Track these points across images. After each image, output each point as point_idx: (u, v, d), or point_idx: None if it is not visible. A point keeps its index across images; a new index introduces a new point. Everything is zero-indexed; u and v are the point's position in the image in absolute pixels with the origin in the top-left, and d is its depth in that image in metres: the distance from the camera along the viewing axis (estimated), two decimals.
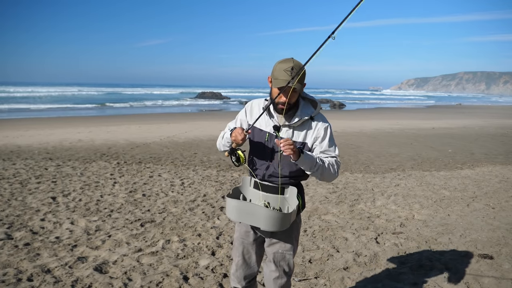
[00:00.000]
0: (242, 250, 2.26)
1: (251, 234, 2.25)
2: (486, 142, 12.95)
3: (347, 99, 56.90)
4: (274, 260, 2.20)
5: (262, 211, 2.01)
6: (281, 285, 2.20)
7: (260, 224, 2.01)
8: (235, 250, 2.32)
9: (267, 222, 1.99)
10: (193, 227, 4.54)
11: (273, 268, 2.20)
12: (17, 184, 6.27)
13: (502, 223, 4.77)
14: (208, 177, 7.10)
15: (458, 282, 3.25)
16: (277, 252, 2.19)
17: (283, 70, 1.92)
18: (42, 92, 49.05)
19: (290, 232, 2.16)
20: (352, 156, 9.78)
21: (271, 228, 2.00)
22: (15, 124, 16.27)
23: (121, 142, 11.21)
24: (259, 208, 2.03)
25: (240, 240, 2.27)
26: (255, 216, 2.01)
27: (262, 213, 2.00)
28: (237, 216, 2.08)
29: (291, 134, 2.08)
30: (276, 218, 1.99)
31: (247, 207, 2.06)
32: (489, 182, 7.05)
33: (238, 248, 2.28)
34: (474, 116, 26.76)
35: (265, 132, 2.11)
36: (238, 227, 2.31)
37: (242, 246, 2.27)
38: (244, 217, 2.05)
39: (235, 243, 2.32)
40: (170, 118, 20.31)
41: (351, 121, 20.13)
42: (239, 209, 2.07)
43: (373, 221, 4.87)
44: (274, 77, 1.97)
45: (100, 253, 3.75)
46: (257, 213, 2.01)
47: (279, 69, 1.94)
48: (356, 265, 3.57)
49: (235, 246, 2.32)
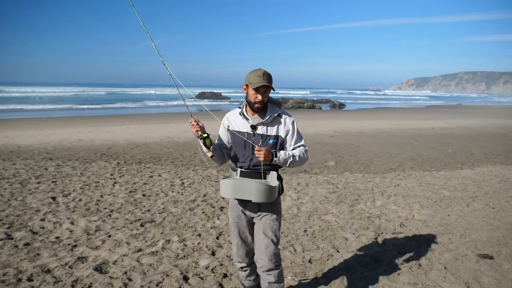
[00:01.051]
0: (238, 232, 2.64)
1: (242, 217, 2.62)
2: (486, 142, 12.95)
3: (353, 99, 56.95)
4: (263, 231, 2.53)
5: (253, 184, 2.40)
6: (271, 252, 2.50)
7: (252, 196, 2.39)
8: (232, 234, 2.67)
9: (257, 194, 2.39)
10: (193, 227, 4.54)
11: (262, 237, 2.52)
12: (17, 184, 6.27)
13: (502, 223, 4.77)
14: (208, 177, 7.10)
15: (458, 282, 3.25)
16: (265, 223, 2.54)
17: (257, 76, 2.41)
18: (42, 92, 49.05)
19: (274, 205, 2.57)
20: (352, 156, 9.78)
21: (261, 199, 2.39)
22: (15, 124, 16.28)
23: (121, 142, 11.21)
24: (250, 182, 2.42)
25: (235, 224, 2.64)
26: (247, 191, 2.40)
27: (253, 187, 2.39)
28: (232, 193, 2.45)
29: (266, 130, 2.53)
30: (264, 190, 2.39)
31: (240, 183, 2.44)
32: (489, 182, 7.05)
33: (234, 231, 2.65)
34: (474, 116, 26.77)
35: (244, 132, 2.55)
36: (231, 213, 2.67)
37: (237, 228, 2.64)
38: (238, 193, 2.43)
39: (231, 227, 2.68)
40: (170, 118, 20.31)
41: (351, 121, 20.13)
42: (234, 186, 2.44)
43: (373, 221, 4.87)
44: (250, 82, 2.43)
45: (100, 253, 3.76)
46: (249, 187, 2.40)
47: (253, 76, 2.42)
48: (356, 265, 3.57)
49: (231, 230, 2.68)
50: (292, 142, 2.55)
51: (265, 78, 2.40)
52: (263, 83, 2.39)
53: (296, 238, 4.25)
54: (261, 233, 2.53)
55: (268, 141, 2.50)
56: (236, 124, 2.58)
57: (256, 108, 2.49)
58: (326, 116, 24.00)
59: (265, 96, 2.46)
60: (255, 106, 2.48)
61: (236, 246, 2.66)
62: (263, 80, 2.39)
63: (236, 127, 2.58)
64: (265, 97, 2.47)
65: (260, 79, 2.40)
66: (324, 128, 16.05)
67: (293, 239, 4.22)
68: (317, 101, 41.19)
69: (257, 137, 2.51)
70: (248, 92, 2.48)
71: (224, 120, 2.67)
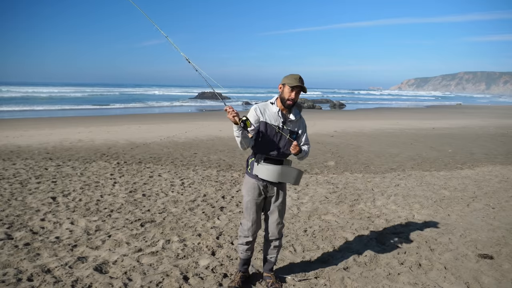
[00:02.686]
0: (255, 209, 3.05)
1: (262, 196, 3.05)
2: (486, 142, 12.95)
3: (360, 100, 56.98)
4: (278, 212, 3.09)
5: (294, 171, 2.95)
6: (280, 228, 3.14)
7: (291, 181, 2.94)
8: (249, 210, 3.05)
9: (296, 178, 2.95)
10: (193, 227, 4.54)
11: (276, 217, 3.09)
12: (17, 184, 6.27)
13: (502, 223, 4.77)
14: (208, 177, 7.10)
15: (458, 282, 3.25)
16: (280, 205, 3.09)
17: (294, 78, 2.88)
18: (42, 93, 49.06)
19: (286, 189, 3.17)
20: (352, 156, 9.78)
21: (296, 182, 2.98)
22: (15, 124, 16.28)
23: (121, 142, 11.21)
24: (291, 169, 2.95)
25: (253, 201, 3.04)
26: (290, 176, 2.93)
27: (294, 172, 2.95)
28: (278, 177, 2.91)
29: (292, 127, 3.03)
30: (300, 175, 2.98)
31: (286, 170, 2.93)
32: (489, 182, 7.05)
33: (252, 208, 3.04)
34: (474, 116, 26.77)
35: (275, 125, 2.97)
36: (250, 192, 3.03)
37: (255, 205, 3.04)
38: (283, 177, 2.92)
39: (248, 204, 3.05)
40: (170, 118, 20.31)
41: (351, 121, 20.13)
42: (281, 172, 2.90)
43: (373, 221, 4.88)
44: (288, 82, 2.88)
45: (100, 253, 3.76)
46: (291, 173, 2.94)
47: (291, 78, 2.89)
48: (356, 265, 3.57)
49: (248, 207, 3.05)
50: (303, 140, 3.12)
51: (300, 81, 2.89)
52: (298, 84, 2.87)
53: (296, 238, 4.25)
54: (276, 213, 3.09)
55: (292, 136, 3.00)
56: (268, 117, 2.97)
57: (287, 104, 2.94)
58: (326, 116, 23.99)
59: (297, 96, 2.92)
60: (287, 103, 2.93)
61: (251, 221, 3.06)
62: (299, 82, 2.88)
63: (268, 119, 2.97)
64: (297, 96, 2.93)
65: (296, 81, 2.87)
66: (324, 128, 16.05)
67: (293, 239, 4.22)
68: (317, 101, 41.20)
69: (285, 131, 2.96)
70: (284, 90, 2.93)
71: (257, 110, 2.99)
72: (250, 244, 3.15)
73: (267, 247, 3.20)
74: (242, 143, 2.89)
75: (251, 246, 3.17)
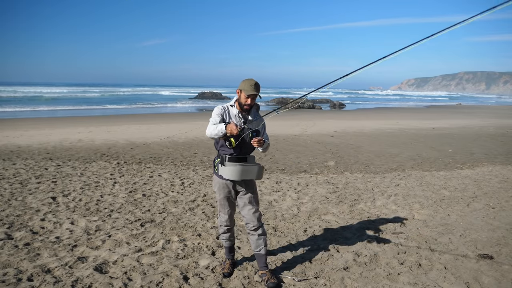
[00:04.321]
0: (229, 203, 3.33)
1: (232, 192, 3.29)
2: (486, 142, 12.95)
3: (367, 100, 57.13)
4: (249, 202, 3.30)
5: (255, 167, 3.18)
6: (257, 216, 3.30)
7: (253, 176, 3.20)
8: (223, 206, 3.34)
9: (257, 174, 3.20)
10: (193, 227, 4.54)
11: (250, 207, 3.29)
12: (17, 184, 6.27)
13: (502, 223, 4.77)
14: (208, 177, 7.10)
15: (458, 282, 3.25)
16: (251, 196, 3.31)
17: (250, 85, 3.10)
18: (42, 93, 49.06)
19: (254, 182, 3.38)
20: (352, 156, 9.78)
21: (259, 177, 3.23)
22: (15, 124, 16.28)
23: (121, 142, 11.21)
24: (252, 166, 3.18)
25: (225, 199, 3.31)
26: (251, 172, 3.17)
27: (255, 169, 3.18)
28: (239, 175, 3.12)
29: (252, 125, 3.20)
30: (261, 171, 3.22)
31: (247, 168, 3.14)
32: (489, 182, 7.05)
33: (225, 204, 3.33)
34: (474, 116, 26.76)
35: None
36: (221, 191, 3.28)
37: (228, 201, 3.32)
38: (245, 175, 3.14)
39: (221, 202, 3.32)
40: (170, 118, 20.31)
41: (351, 121, 20.13)
42: (243, 170, 3.12)
43: (373, 221, 4.87)
44: (244, 89, 3.10)
45: (100, 253, 3.76)
46: (252, 170, 3.17)
47: (247, 84, 3.11)
48: (356, 265, 3.57)
49: (222, 204, 3.33)
50: (264, 134, 3.34)
51: (256, 88, 3.10)
52: (254, 92, 3.09)
53: (296, 238, 4.25)
54: (248, 204, 3.30)
55: (253, 133, 3.16)
56: (230, 119, 3.20)
57: (245, 109, 3.18)
58: (326, 116, 23.99)
59: (253, 101, 3.17)
60: (245, 108, 3.17)
61: (227, 214, 3.36)
62: (255, 90, 3.09)
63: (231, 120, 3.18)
64: (253, 102, 3.17)
65: (252, 88, 3.09)
66: (324, 128, 16.06)
67: (293, 239, 4.22)
68: (317, 101, 41.20)
69: (246, 130, 3.13)
70: (241, 96, 3.15)
71: (222, 109, 3.22)
72: (230, 232, 3.45)
73: (253, 239, 3.32)
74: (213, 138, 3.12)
75: (231, 234, 3.47)
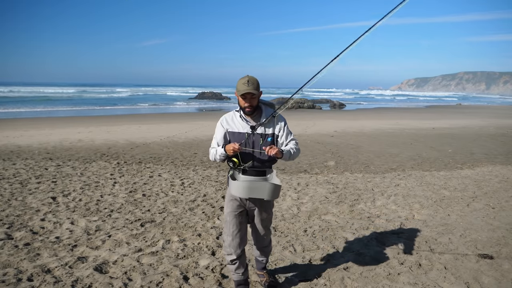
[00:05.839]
0: (236, 222, 2.80)
1: (241, 208, 2.81)
2: (486, 142, 12.95)
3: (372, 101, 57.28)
4: (262, 224, 2.89)
5: (266, 185, 2.60)
6: (268, 240, 3.02)
7: (264, 195, 2.60)
8: (228, 224, 2.81)
9: (270, 193, 2.59)
10: (193, 227, 4.54)
11: (261, 229, 2.91)
12: (17, 184, 6.27)
13: (502, 223, 4.77)
14: (208, 177, 7.10)
15: (458, 282, 3.25)
16: (264, 219, 2.88)
17: (242, 83, 2.60)
18: (42, 93, 49.07)
19: (271, 203, 2.90)
20: (352, 156, 9.78)
21: (272, 197, 2.62)
22: (15, 124, 16.28)
23: (121, 142, 11.21)
24: (263, 183, 2.63)
25: (233, 214, 2.80)
26: (261, 190, 2.59)
27: (266, 187, 2.59)
28: (247, 193, 2.61)
29: (264, 129, 2.74)
30: (275, 189, 2.61)
31: (254, 184, 2.62)
32: (489, 182, 7.05)
33: (232, 221, 2.80)
34: (474, 116, 26.76)
35: (244, 133, 2.73)
36: (231, 203, 2.81)
37: (235, 218, 2.80)
38: (252, 192, 2.60)
39: (227, 218, 2.82)
40: (170, 118, 20.31)
41: (351, 121, 20.13)
42: (249, 187, 2.59)
43: (373, 221, 4.87)
44: (237, 90, 2.63)
45: (100, 253, 3.76)
46: (262, 187, 2.59)
47: (240, 83, 2.62)
48: (356, 265, 3.57)
49: (227, 220, 2.82)
50: (284, 137, 2.80)
51: (249, 85, 2.59)
52: (247, 90, 2.58)
53: (296, 238, 4.25)
54: (261, 226, 2.89)
55: (267, 139, 2.72)
56: (235, 126, 2.76)
57: (247, 112, 2.70)
58: (326, 116, 23.99)
59: (252, 101, 2.66)
60: (246, 110, 2.69)
61: (232, 235, 2.81)
62: (248, 88, 2.58)
63: (236, 128, 2.76)
64: (252, 102, 2.66)
65: (245, 86, 2.59)
66: (324, 128, 16.05)
67: (293, 239, 4.22)
68: (317, 101, 41.20)
69: (257, 136, 2.71)
70: (238, 99, 2.68)
71: (222, 122, 2.80)
72: (236, 263, 2.86)
73: (257, 251, 3.13)
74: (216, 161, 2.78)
75: (239, 264, 2.87)
